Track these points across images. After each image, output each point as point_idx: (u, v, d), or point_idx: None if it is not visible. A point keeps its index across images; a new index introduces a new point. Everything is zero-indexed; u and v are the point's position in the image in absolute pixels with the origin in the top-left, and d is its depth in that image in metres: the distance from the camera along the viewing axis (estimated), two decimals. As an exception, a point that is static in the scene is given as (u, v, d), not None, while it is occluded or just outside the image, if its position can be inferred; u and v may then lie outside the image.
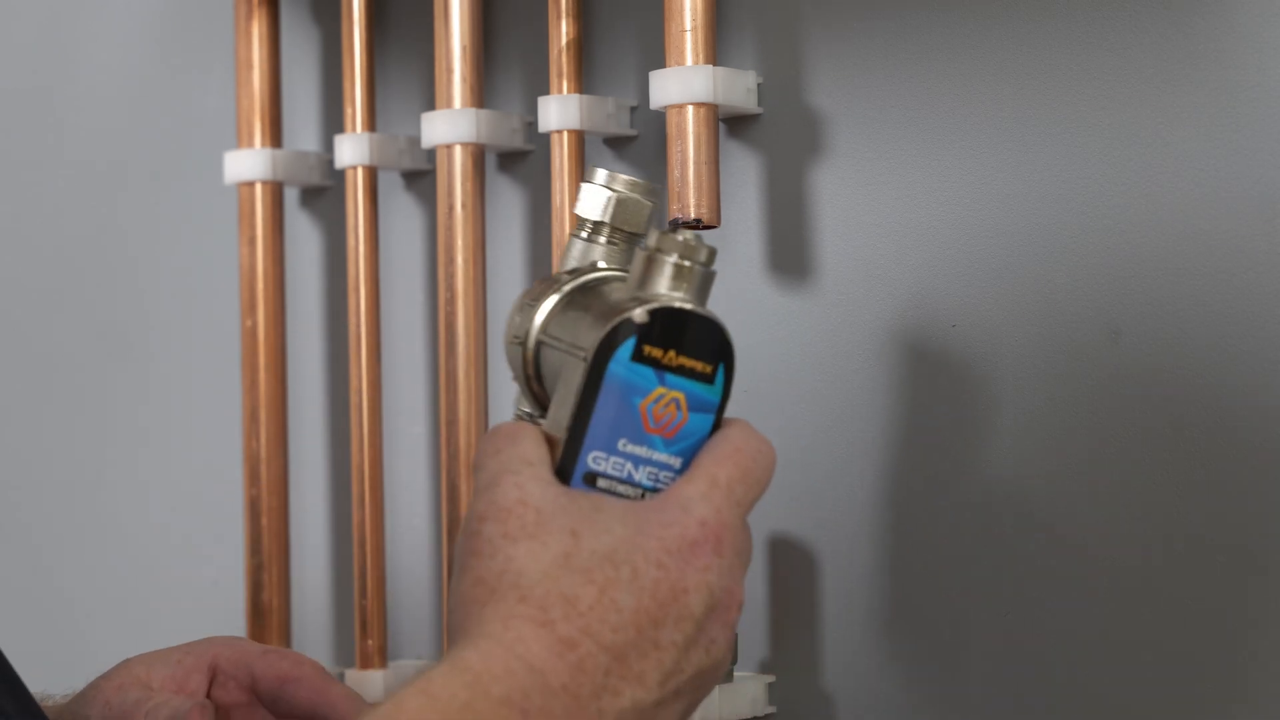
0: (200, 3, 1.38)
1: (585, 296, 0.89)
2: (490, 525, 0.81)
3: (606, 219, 0.93)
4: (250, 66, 1.28)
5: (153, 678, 1.00)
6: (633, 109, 1.16)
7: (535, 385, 0.89)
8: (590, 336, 0.84)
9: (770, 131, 1.10)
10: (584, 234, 0.93)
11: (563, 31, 1.13)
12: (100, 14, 1.44)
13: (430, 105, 1.23)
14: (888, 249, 1.06)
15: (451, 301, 1.16)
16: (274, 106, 1.29)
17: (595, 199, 0.93)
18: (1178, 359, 0.98)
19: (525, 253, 1.21)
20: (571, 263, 0.93)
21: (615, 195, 0.93)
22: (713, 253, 0.86)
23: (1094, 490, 1.00)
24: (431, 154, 1.24)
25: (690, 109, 1.06)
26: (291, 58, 1.32)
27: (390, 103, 1.27)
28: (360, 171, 1.23)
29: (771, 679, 1.10)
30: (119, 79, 1.44)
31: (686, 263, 0.85)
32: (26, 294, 1.51)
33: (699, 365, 0.84)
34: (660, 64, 1.08)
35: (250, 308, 1.28)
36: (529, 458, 0.83)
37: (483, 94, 1.18)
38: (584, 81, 1.15)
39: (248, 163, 1.28)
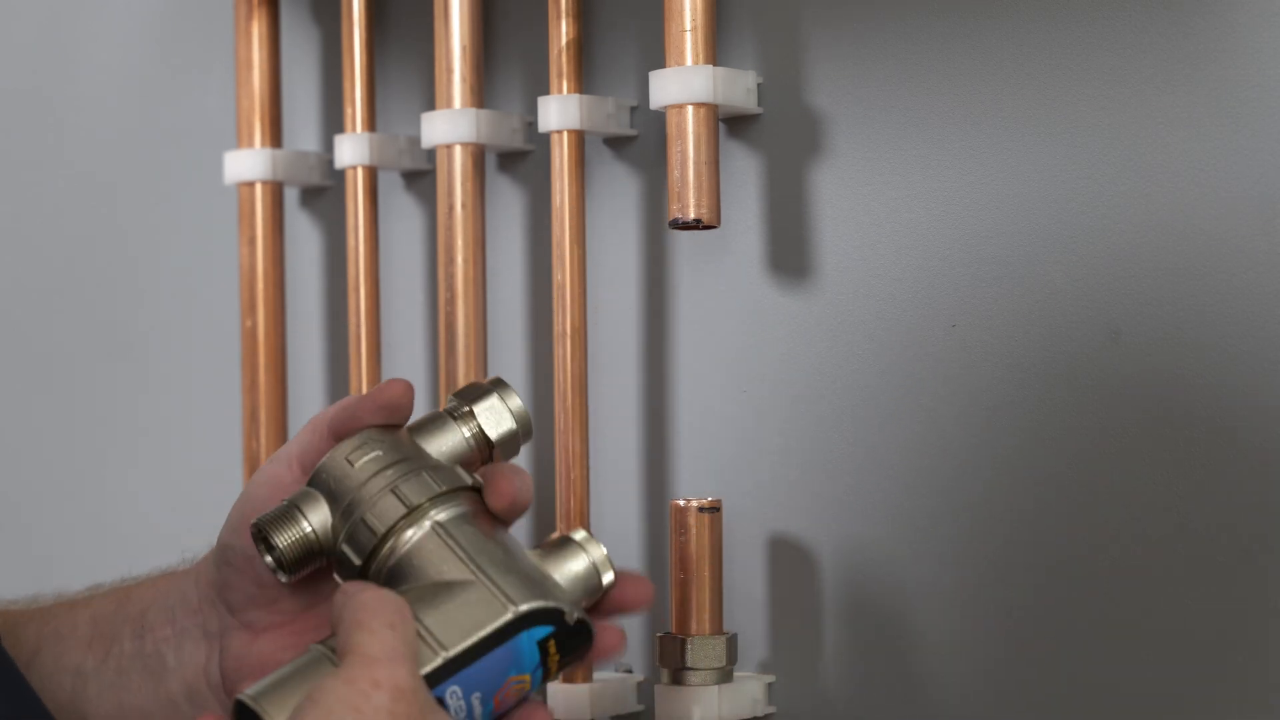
0: (200, 3, 1.38)
1: (488, 524, 0.91)
2: (384, 695, 0.82)
3: (494, 438, 0.95)
4: (250, 66, 1.28)
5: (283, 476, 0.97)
6: (633, 109, 1.16)
7: (383, 548, 0.90)
8: (520, 591, 0.87)
9: (770, 131, 1.10)
10: (466, 433, 0.94)
11: (563, 31, 1.13)
12: (100, 14, 1.44)
13: (430, 105, 1.23)
14: (888, 249, 1.06)
15: (451, 301, 1.16)
16: (274, 106, 1.29)
17: (499, 420, 0.95)
18: (1178, 359, 0.98)
19: (525, 253, 1.21)
20: (434, 445, 0.94)
21: (515, 429, 0.95)
22: (613, 580, 0.91)
23: (1094, 490, 1.00)
24: (431, 154, 1.24)
25: (690, 109, 1.06)
26: (291, 58, 1.32)
27: (390, 103, 1.27)
28: (360, 171, 1.23)
29: (771, 679, 1.10)
30: (119, 79, 1.44)
31: (596, 573, 0.91)
32: (26, 294, 1.51)
33: (555, 671, 0.89)
34: (660, 64, 1.08)
35: (250, 308, 1.28)
36: (415, 648, 0.85)
37: (483, 94, 1.18)
38: (584, 81, 1.15)
39: (248, 163, 1.28)
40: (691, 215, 1.06)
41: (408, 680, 0.83)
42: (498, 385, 0.96)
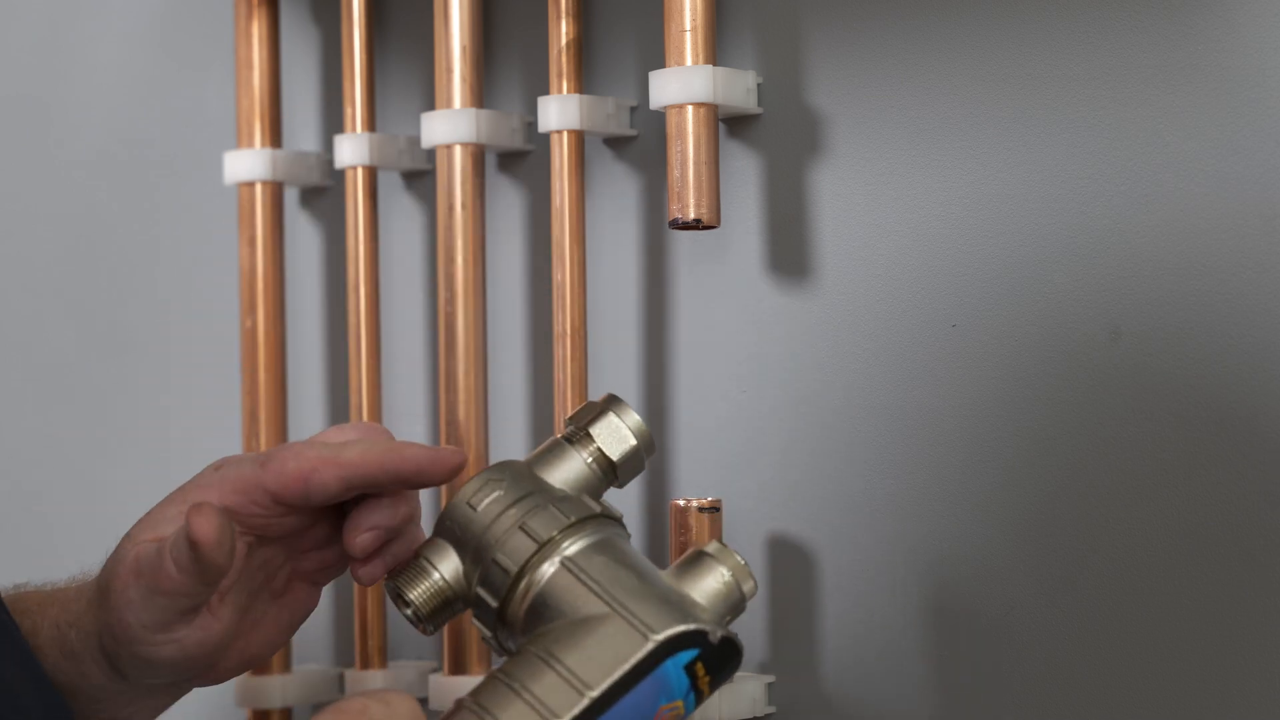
0: (200, 3, 1.38)
1: (620, 548, 0.90)
2: None
3: (615, 458, 0.95)
4: (250, 66, 1.28)
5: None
6: (633, 109, 1.16)
7: (519, 587, 0.89)
8: (659, 618, 0.86)
9: (770, 131, 1.10)
10: (587, 456, 0.94)
11: (563, 31, 1.13)
12: (100, 15, 1.44)
13: (430, 105, 1.23)
14: (888, 249, 1.06)
15: (451, 301, 1.16)
16: (274, 106, 1.29)
17: (618, 439, 0.95)
18: (1178, 358, 0.98)
19: (525, 253, 1.21)
20: (556, 475, 0.94)
21: (636, 445, 0.95)
22: (755, 588, 0.91)
23: (1095, 489, 1.00)
24: (431, 154, 1.24)
25: (690, 109, 1.06)
26: (291, 58, 1.32)
27: (390, 103, 1.27)
28: (360, 171, 1.23)
29: (771, 679, 1.10)
30: (119, 79, 1.44)
31: (736, 585, 0.90)
32: (26, 294, 1.51)
33: (708, 692, 0.88)
34: (660, 64, 1.08)
35: (250, 308, 1.28)
36: None
37: (483, 94, 1.18)
38: (584, 81, 1.15)
39: (248, 163, 1.28)
40: (691, 215, 1.06)
41: None
42: (611, 403, 0.95)
